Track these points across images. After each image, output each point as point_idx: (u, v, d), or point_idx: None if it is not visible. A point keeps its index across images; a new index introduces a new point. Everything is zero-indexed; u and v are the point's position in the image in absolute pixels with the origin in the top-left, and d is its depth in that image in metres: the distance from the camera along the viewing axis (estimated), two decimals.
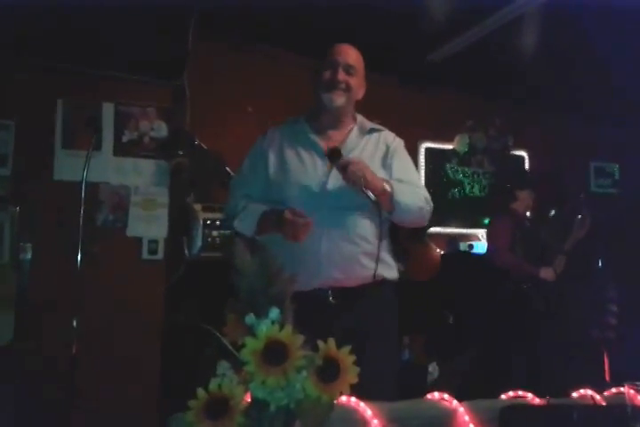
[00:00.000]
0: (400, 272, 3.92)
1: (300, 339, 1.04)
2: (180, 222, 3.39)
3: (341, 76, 2.06)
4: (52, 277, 2.97)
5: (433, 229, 4.61)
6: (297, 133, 2.11)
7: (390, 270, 2.08)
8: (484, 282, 3.91)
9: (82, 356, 2.77)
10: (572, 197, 4.54)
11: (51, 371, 2.81)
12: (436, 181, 4.87)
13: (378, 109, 4.37)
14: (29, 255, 3.05)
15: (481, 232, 4.93)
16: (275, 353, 1.03)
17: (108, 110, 3.28)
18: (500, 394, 1.50)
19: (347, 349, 1.07)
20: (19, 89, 3.11)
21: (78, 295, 2.64)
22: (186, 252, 3.37)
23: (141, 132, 3.33)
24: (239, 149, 3.64)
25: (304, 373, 1.05)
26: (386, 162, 2.11)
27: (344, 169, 1.88)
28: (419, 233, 4.45)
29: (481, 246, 4.70)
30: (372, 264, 1.99)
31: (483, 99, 4.81)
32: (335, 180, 1.98)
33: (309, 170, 2.02)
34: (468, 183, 5.00)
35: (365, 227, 2.01)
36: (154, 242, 3.29)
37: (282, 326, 1.05)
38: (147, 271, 3.28)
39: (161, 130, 3.36)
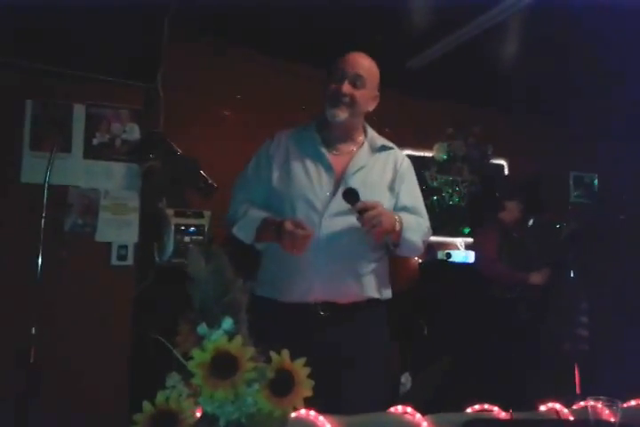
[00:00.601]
0: None
1: (251, 351, 0.99)
2: (151, 228, 3.32)
3: (346, 88, 1.98)
4: (16, 282, 2.88)
5: None
6: (305, 142, 2.04)
7: (387, 290, 2.04)
8: (462, 291, 3.89)
9: (46, 364, 2.70)
10: (551, 206, 4.56)
11: (13, 379, 2.73)
12: None
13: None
14: None
15: (459, 241, 4.93)
16: (223, 365, 0.98)
17: (78, 112, 3.21)
18: (466, 407, 1.46)
19: (301, 361, 1.03)
20: None
21: (38, 301, 2.56)
22: (156, 258, 3.30)
23: (113, 135, 3.26)
24: (214, 153, 3.62)
25: (256, 386, 1.00)
26: (394, 185, 2.06)
27: (360, 213, 1.82)
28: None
29: (459, 255, 4.68)
30: (368, 285, 1.95)
31: (462, 106, 4.81)
32: (340, 198, 1.91)
33: (315, 184, 1.95)
34: (447, 191, 4.98)
35: (365, 247, 1.95)
36: (123, 247, 3.22)
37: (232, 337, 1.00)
38: (116, 277, 3.20)
39: (133, 132, 3.29)
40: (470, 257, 4.60)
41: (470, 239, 4.85)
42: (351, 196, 1.85)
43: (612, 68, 3.72)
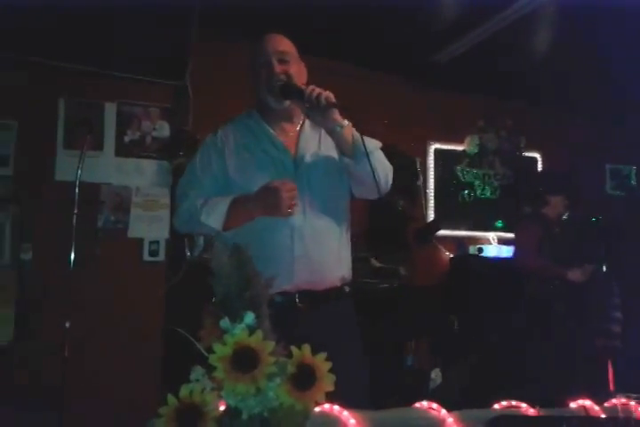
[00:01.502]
0: (403, 276, 3.90)
1: (272, 345, 1.00)
2: None
3: (278, 68, 1.91)
4: (51, 277, 2.96)
5: (442, 232, 4.56)
6: (252, 129, 1.99)
7: (350, 273, 2.00)
8: (494, 287, 3.85)
9: (79, 358, 2.76)
10: (586, 200, 4.46)
11: (49, 371, 2.80)
12: (445, 183, 4.82)
13: (387, 110, 4.38)
14: (30, 256, 3.04)
15: (491, 235, 4.86)
16: (244, 359, 0.99)
17: (110, 110, 3.28)
18: (493, 403, 1.44)
19: (322, 355, 1.03)
20: (21, 89, 3.11)
21: (71, 297, 2.62)
22: (187, 253, 3.34)
23: (143, 133, 3.32)
24: None
25: (277, 380, 1.01)
26: None
27: (302, 94, 1.79)
28: (426, 235, 4.41)
29: (491, 250, 4.63)
30: (340, 267, 1.92)
31: (494, 99, 4.74)
32: (304, 174, 1.90)
33: (276, 165, 1.91)
34: (479, 185, 4.93)
35: (336, 226, 1.93)
36: (155, 243, 3.27)
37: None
38: (148, 273, 3.26)
39: (163, 130, 3.34)
40: (503, 252, 4.54)
41: (502, 234, 4.79)
42: (290, 89, 1.82)
43: None
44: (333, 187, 1.93)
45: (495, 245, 4.76)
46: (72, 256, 2.68)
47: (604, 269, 3.63)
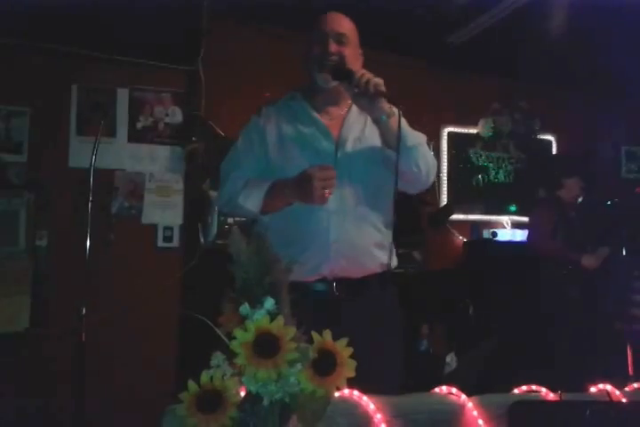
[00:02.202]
0: (417, 261, 3.89)
1: (293, 331, 0.99)
2: (196, 209, 3.36)
3: (333, 47, 1.87)
4: (66, 264, 2.97)
5: (455, 216, 4.54)
6: (295, 111, 1.96)
7: (394, 261, 1.96)
8: (509, 271, 3.83)
9: (94, 344, 2.77)
10: (601, 182, 4.42)
11: (64, 358, 2.82)
12: (459, 166, 4.78)
13: (400, 93, 4.31)
14: (45, 242, 3.06)
15: (505, 219, 4.84)
16: (265, 345, 0.98)
17: (122, 96, 3.27)
18: (513, 388, 1.43)
19: (343, 341, 1.02)
20: (34, 75, 3.12)
21: (87, 283, 2.63)
22: (201, 239, 3.35)
23: (156, 118, 3.32)
24: None
25: (298, 366, 1.00)
26: None
27: (351, 77, 1.76)
28: (440, 219, 4.39)
29: (505, 234, 4.60)
30: (380, 254, 1.88)
31: (509, 81, 4.68)
32: (345, 159, 1.87)
33: (317, 149, 1.88)
34: (493, 169, 4.89)
35: (374, 213, 1.89)
36: (169, 229, 3.28)
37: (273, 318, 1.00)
38: (162, 259, 3.27)
39: (176, 116, 3.34)
40: (516, 236, 4.52)
41: (516, 217, 4.77)
42: (344, 72, 1.80)
43: None
44: (375, 173, 1.88)
45: (509, 229, 4.74)
46: (88, 243, 2.69)
47: (624, 252, 3.60)
